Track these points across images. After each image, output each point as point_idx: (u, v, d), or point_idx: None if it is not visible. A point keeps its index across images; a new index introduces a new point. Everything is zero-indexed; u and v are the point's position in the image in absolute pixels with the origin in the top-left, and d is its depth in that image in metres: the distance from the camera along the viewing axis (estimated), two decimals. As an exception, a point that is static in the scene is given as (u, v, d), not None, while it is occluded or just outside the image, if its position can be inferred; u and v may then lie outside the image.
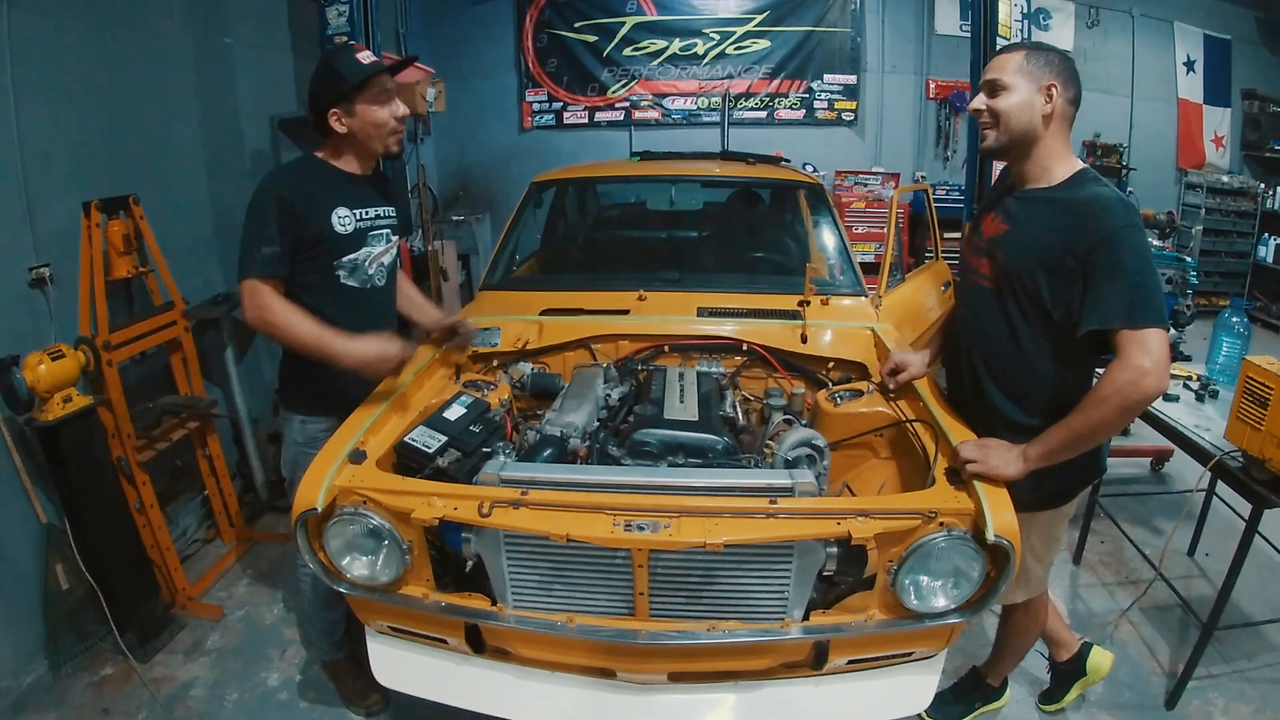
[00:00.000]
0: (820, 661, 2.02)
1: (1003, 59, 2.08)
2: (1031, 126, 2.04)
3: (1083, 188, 2.00)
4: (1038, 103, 2.02)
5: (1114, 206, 1.92)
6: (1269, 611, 3.26)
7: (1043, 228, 2.02)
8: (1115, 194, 1.97)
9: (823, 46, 8.06)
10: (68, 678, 2.99)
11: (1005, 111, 2.05)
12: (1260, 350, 2.72)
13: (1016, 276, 2.07)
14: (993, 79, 2.07)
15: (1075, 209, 1.97)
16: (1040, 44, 2.09)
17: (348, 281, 2.51)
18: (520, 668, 2.12)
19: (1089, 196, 1.97)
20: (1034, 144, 2.07)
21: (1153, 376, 1.84)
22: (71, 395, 2.87)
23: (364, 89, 2.36)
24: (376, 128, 2.42)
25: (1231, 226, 8.50)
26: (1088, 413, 1.91)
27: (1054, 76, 2.01)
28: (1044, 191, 2.07)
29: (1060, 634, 2.77)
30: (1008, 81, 2.04)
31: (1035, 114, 2.03)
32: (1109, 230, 1.89)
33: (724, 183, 4.60)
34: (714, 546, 1.77)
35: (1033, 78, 2.02)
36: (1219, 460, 2.65)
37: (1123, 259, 1.87)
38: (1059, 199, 2.02)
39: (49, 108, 3.12)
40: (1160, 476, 4.70)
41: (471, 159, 8.44)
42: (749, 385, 2.99)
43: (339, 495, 1.99)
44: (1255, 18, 8.72)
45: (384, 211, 2.60)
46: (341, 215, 2.43)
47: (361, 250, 2.51)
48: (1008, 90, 2.04)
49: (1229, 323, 3.33)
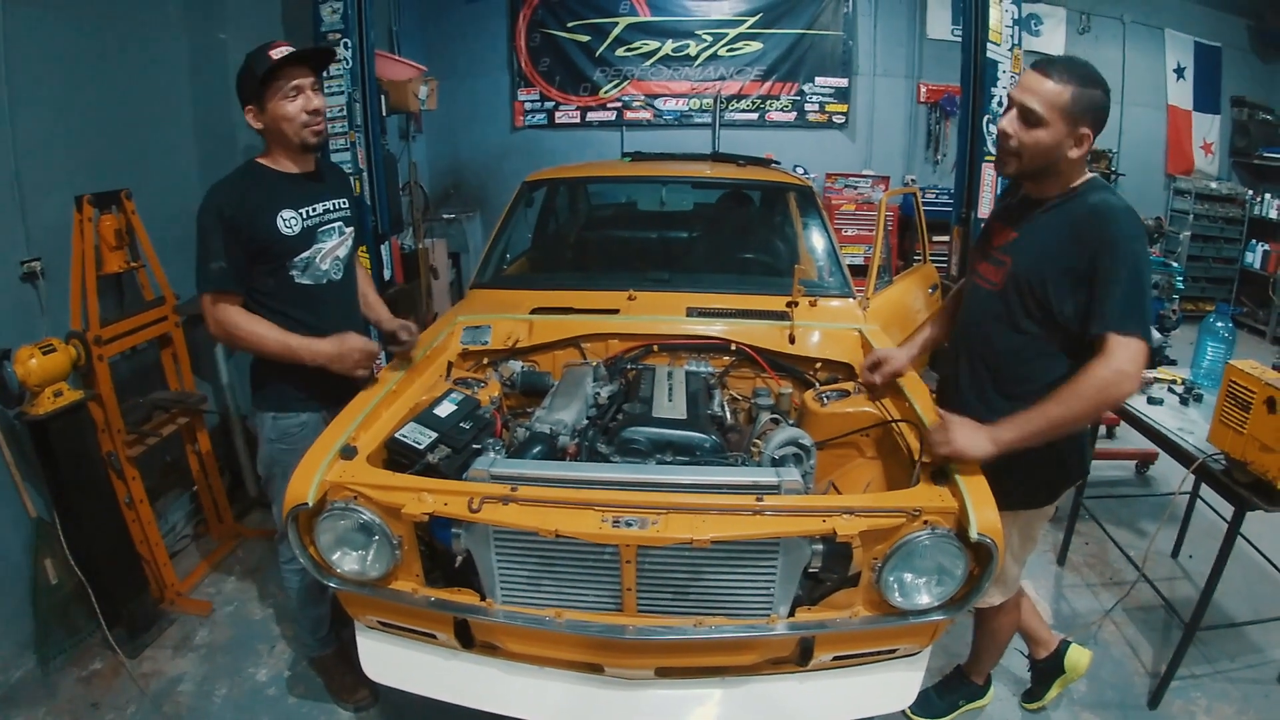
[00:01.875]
0: (806, 658, 2.03)
1: (1047, 87, 1.96)
2: (1054, 164, 2.03)
3: (1091, 194, 2.02)
4: (1066, 144, 1.99)
5: (1119, 215, 1.95)
6: (1251, 613, 3.30)
7: (1052, 234, 2.05)
8: (1122, 203, 1.99)
9: (815, 49, 8.08)
10: (57, 672, 2.99)
11: (1033, 147, 2.01)
12: (1245, 355, 2.75)
13: (1025, 282, 2.09)
14: (1031, 107, 1.98)
15: (1083, 216, 1.99)
16: (1088, 73, 1.97)
17: (302, 280, 2.52)
18: (509, 662, 2.13)
19: (1096, 203, 1.99)
20: (1053, 174, 2.07)
21: (1132, 381, 1.91)
22: (62, 390, 2.87)
23: (270, 83, 2.36)
24: (286, 122, 2.40)
25: (1219, 232, 8.53)
26: (1067, 404, 1.94)
27: (1091, 122, 1.97)
28: (1054, 200, 2.09)
29: (1039, 633, 2.80)
30: (1045, 117, 1.96)
31: (1062, 155, 2.00)
32: (1112, 238, 1.93)
33: (714, 184, 4.62)
34: (701, 543, 1.79)
35: (1072, 121, 1.96)
36: (1202, 463, 2.68)
37: (1122, 267, 1.91)
38: (1068, 206, 2.05)
39: (42, 102, 3.12)
40: (1145, 479, 4.74)
41: (463, 157, 8.44)
42: (737, 385, 3.01)
43: (330, 490, 2.00)
44: (1246, 26, 8.76)
45: (333, 205, 2.60)
46: (287, 217, 2.44)
47: (312, 248, 2.52)
48: (1043, 126, 1.97)
49: (1214, 327, 3.36)
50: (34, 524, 2.98)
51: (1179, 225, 8.47)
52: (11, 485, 2.93)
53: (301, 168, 2.55)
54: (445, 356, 2.86)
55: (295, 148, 2.48)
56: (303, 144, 2.47)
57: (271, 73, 2.34)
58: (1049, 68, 1.98)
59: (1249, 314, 8.34)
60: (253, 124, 2.43)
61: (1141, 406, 3.12)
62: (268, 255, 2.43)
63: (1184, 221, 8.47)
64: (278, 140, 2.47)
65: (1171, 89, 8.67)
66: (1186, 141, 8.84)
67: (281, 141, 2.47)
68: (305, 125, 2.43)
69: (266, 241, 2.41)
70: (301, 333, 2.47)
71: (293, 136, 2.44)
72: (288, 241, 2.45)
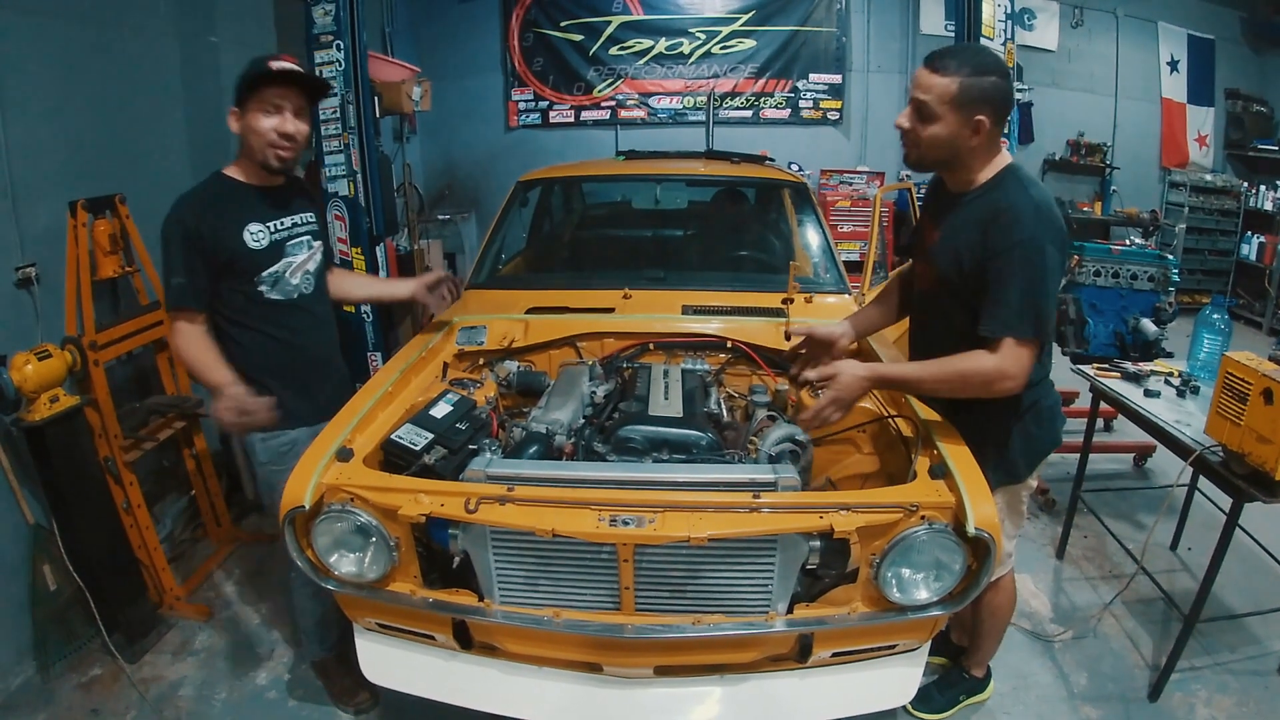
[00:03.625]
0: (805, 654, 2.04)
1: (934, 81, 1.98)
2: (955, 154, 2.04)
3: (1000, 191, 2.02)
4: (964, 134, 1.99)
5: (1024, 217, 1.95)
6: (1250, 604, 3.30)
7: (961, 231, 2.07)
8: (1030, 201, 1.97)
9: (808, 46, 8.09)
10: (56, 678, 2.98)
11: (929, 141, 2.02)
12: (1241, 347, 2.75)
13: (945, 279, 2.12)
14: (922, 101, 2.00)
15: (988, 215, 2.00)
16: (979, 60, 1.97)
17: (272, 296, 2.47)
18: (507, 663, 2.13)
19: (1004, 204, 1.99)
20: (957, 164, 2.08)
21: (1009, 383, 1.98)
22: (58, 395, 2.86)
23: (254, 92, 2.32)
24: (257, 135, 2.35)
25: (1215, 225, 8.57)
26: (937, 375, 2.05)
27: (985, 109, 1.97)
28: (966, 195, 2.10)
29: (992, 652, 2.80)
30: (937, 110, 1.98)
31: (961, 145, 2.02)
32: (1012, 242, 1.94)
33: (709, 182, 4.62)
34: (698, 541, 1.79)
35: (963, 110, 1.97)
36: (1200, 455, 2.67)
37: (1015, 272, 1.93)
38: (976, 203, 2.06)
39: (35, 106, 3.11)
40: (1143, 472, 4.74)
41: (457, 158, 8.44)
42: (733, 382, 3.01)
43: (326, 493, 2.00)
44: (1239, 18, 8.80)
45: (301, 219, 2.57)
46: (254, 231, 2.41)
47: (280, 262, 2.48)
48: (935, 120, 1.99)
49: (1210, 319, 3.36)
50: (32, 530, 2.97)
51: (1174, 218, 8.49)
52: (9, 491, 2.92)
53: (269, 181, 2.50)
54: (441, 357, 2.86)
55: (257, 162, 2.43)
56: (264, 163, 2.41)
57: (259, 81, 2.31)
58: (938, 61, 1.99)
59: (1245, 306, 8.36)
60: (231, 126, 2.40)
61: (1138, 399, 3.12)
62: (235, 270, 2.39)
63: (1179, 214, 8.50)
64: (247, 151, 2.43)
65: (1165, 82, 8.69)
66: (1181, 134, 8.86)
67: (249, 153, 2.43)
68: (271, 145, 2.37)
69: (233, 256, 2.37)
70: (274, 348, 2.47)
71: (257, 152, 2.39)
72: (255, 256, 2.41)
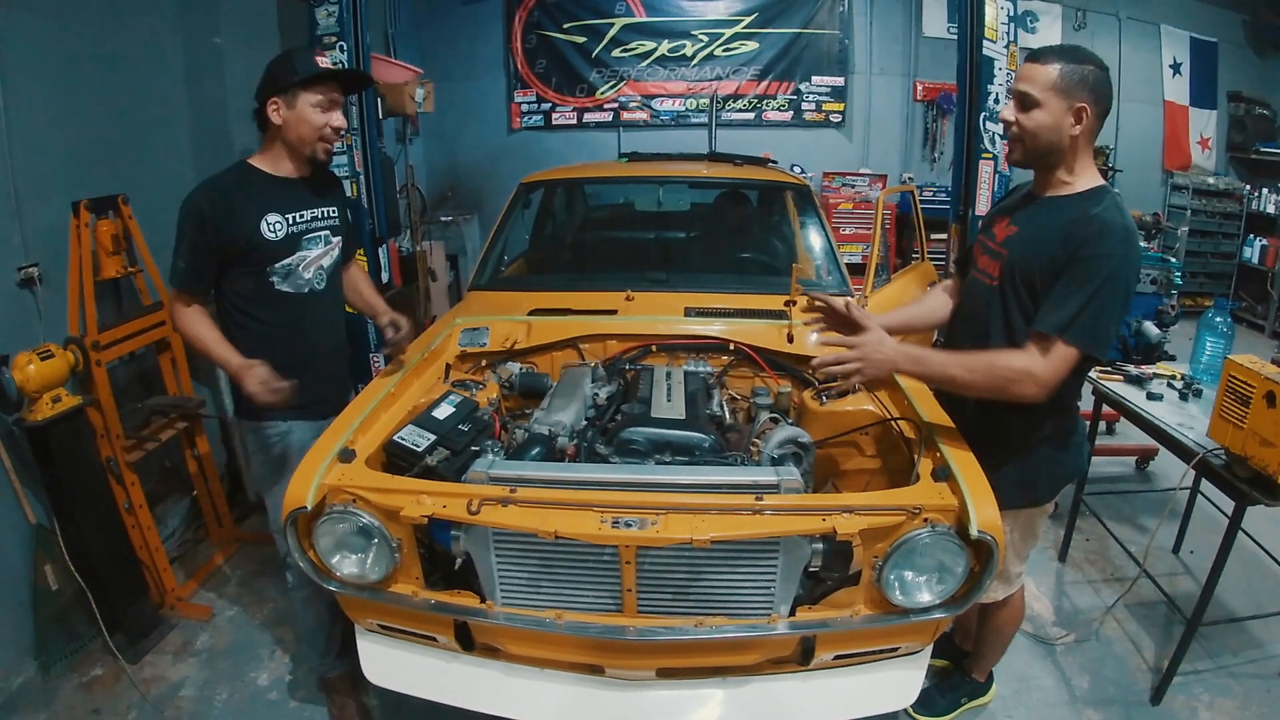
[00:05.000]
0: (807, 657, 2.03)
1: (1037, 70, 2.01)
2: (1058, 144, 2.04)
3: (1097, 205, 2.01)
4: (1067, 123, 2.00)
5: (1114, 234, 1.94)
6: (1253, 607, 3.30)
7: (1048, 229, 2.05)
8: (1123, 223, 1.97)
9: (811, 48, 8.09)
10: (57, 678, 2.98)
11: (1033, 130, 2.03)
12: (1243, 350, 2.75)
13: (1020, 274, 2.10)
14: (1025, 91, 2.02)
15: (1081, 222, 1.98)
16: (1077, 53, 2.00)
17: (283, 287, 2.47)
18: (509, 665, 2.13)
19: (1097, 215, 1.97)
20: (1059, 157, 2.07)
21: (1037, 389, 1.96)
22: (60, 395, 2.87)
23: (310, 86, 2.34)
24: (311, 128, 2.38)
25: (1217, 228, 8.55)
26: (970, 371, 2.02)
27: (1087, 96, 1.97)
28: (1060, 199, 2.09)
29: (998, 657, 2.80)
30: (1039, 97, 2.00)
31: (1063, 134, 2.01)
32: (1096, 252, 1.93)
33: (711, 184, 4.61)
34: (701, 543, 1.78)
35: (1066, 96, 1.98)
36: (1202, 458, 2.67)
37: (1090, 281, 1.92)
38: (1070, 207, 2.04)
39: (38, 106, 3.12)
40: (1145, 475, 4.73)
41: (460, 159, 8.44)
42: (736, 384, 3.00)
43: (329, 494, 2.00)
44: (1242, 21, 8.78)
45: (322, 213, 2.57)
46: (272, 221, 2.41)
47: (295, 255, 2.48)
48: (1039, 107, 2.00)
49: (1212, 322, 3.36)
50: (33, 530, 2.98)
51: (1177, 221, 8.46)
52: (11, 491, 2.93)
53: (298, 173, 2.52)
54: (443, 359, 2.86)
55: (303, 157, 2.46)
56: (312, 156, 2.45)
57: (315, 77, 2.34)
58: (1040, 54, 2.03)
59: (1248, 309, 8.35)
60: (272, 118, 2.37)
61: (1141, 402, 3.12)
62: (248, 259, 2.40)
63: (1181, 217, 8.47)
64: (288, 143, 2.43)
65: (1168, 84, 8.68)
66: (1183, 137, 8.84)
67: (291, 145, 2.43)
68: (323, 139, 2.42)
69: (247, 245, 2.37)
70: (278, 340, 2.45)
71: (307, 145, 2.41)
72: (270, 246, 2.42)
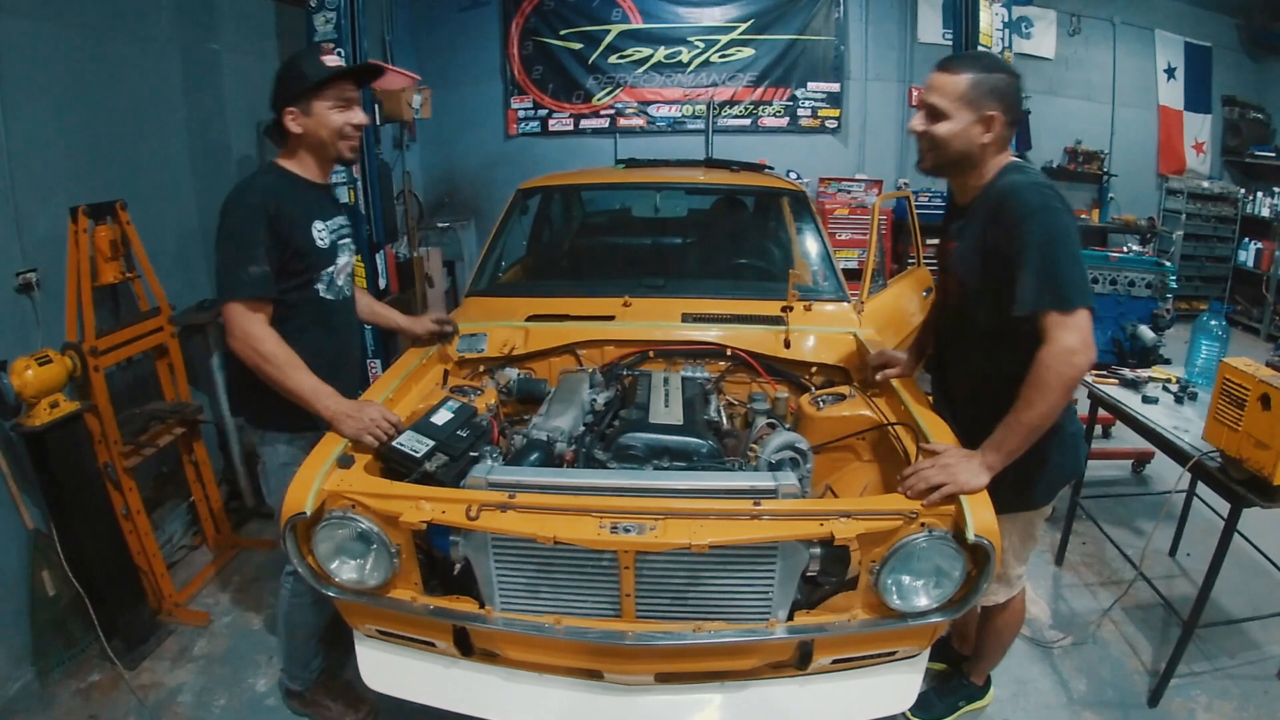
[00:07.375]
0: (805, 661, 2.04)
1: (945, 80, 2.03)
2: (967, 152, 2.06)
3: (999, 181, 2.03)
4: (975, 132, 2.02)
5: (1022, 192, 1.95)
6: (1249, 609, 3.30)
7: (976, 230, 2.07)
8: (1027, 180, 1.98)
9: (807, 54, 8.09)
10: (55, 684, 2.97)
11: (943, 140, 2.05)
12: (1238, 353, 2.75)
13: (971, 284, 2.11)
14: (932, 103, 2.05)
15: (993, 205, 2.01)
16: (987, 60, 2.03)
17: (325, 295, 2.47)
18: (508, 670, 2.13)
19: (1002, 187, 2.00)
20: (970, 164, 2.09)
21: (1081, 354, 1.88)
22: (58, 401, 2.86)
23: (323, 90, 2.32)
24: (331, 132, 2.36)
25: (1212, 231, 8.56)
26: (1033, 404, 1.92)
27: (996, 105, 2.00)
28: (978, 200, 2.11)
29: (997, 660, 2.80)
30: (947, 109, 2.02)
31: (973, 142, 2.03)
32: (1017, 218, 1.93)
33: (708, 190, 4.62)
34: (699, 548, 1.79)
35: (974, 106, 2.00)
36: (1198, 461, 2.68)
37: (1028, 243, 1.91)
38: (986, 199, 2.07)
39: (36, 113, 3.12)
40: (1141, 478, 4.74)
41: (457, 166, 8.43)
42: (733, 389, 3.01)
43: (328, 499, 2.00)
44: (1235, 25, 8.81)
45: (343, 221, 2.57)
46: (319, 228, 2.40)
47: (336, 262, 2.50)
48: (946, 117, 2.03)
49: (1207, 326, 3.36)
50: (31, 536, 2.97)
51: (1172, 225, 8.49)
52: (8, 497, 2.92)
53: (324, 179, 2.52)
54: (442, 365, 2.87)
55: (329, 159, 2.45)
56: (338, 156, 2.43)
57: (327, 80, 2.32)
58: (947, 63, 2.07)
59: (1243, 312, 8.38)
60: (291, 127, 2.34)
61: (1137, 405, 3.13)
62: (301, 265, 2.37)
63: (1177, 221, 8.50)
64: (313, 148, 2.41)
65: (1162, 89, 8.70)
66: (1178, 141, 8.87)
67: (316, 150, 2.41)
68: (345, 138, 2.40)
69: (303, 250, 2.35)
70: (316, 349, 2.37)
71: (329, 146, 2.39)
72: (320, 254, 2.41)
